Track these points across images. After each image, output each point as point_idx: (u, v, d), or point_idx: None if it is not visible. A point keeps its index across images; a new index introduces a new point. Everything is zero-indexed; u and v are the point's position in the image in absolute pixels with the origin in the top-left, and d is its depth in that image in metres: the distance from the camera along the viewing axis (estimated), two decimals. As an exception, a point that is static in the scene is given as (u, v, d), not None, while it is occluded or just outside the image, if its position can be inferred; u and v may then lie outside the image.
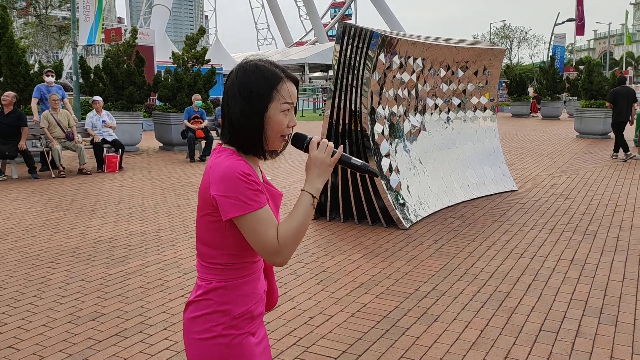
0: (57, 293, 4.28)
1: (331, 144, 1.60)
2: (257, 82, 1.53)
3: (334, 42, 6.58)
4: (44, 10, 33.47)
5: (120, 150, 10.66)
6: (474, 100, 8.25)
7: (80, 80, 13.84)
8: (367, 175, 6.15)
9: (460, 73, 7.91)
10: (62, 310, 3.95)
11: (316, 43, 71.84)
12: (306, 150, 1.60)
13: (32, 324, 3.72)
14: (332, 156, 1.59)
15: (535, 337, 3.53)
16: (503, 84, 31.90)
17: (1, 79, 11.57)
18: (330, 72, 60.38)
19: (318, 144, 1.59)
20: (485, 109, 8.41)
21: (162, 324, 3.73)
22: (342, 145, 1.65)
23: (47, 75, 10.75)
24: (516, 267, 4.90)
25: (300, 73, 63.03)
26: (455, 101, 7.94)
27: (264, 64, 1.57)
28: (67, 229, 6.21)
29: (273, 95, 1.54)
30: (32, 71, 11.85)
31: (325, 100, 33.05)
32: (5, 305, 4.03)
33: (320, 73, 64.41)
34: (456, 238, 5.81)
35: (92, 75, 13.78)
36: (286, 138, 1.60)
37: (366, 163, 1.67)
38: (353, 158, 1.65)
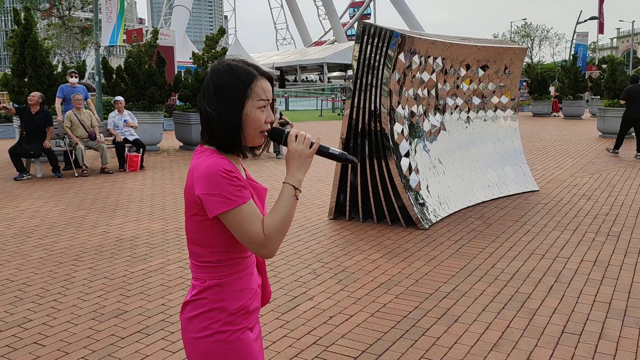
0: (80, 290, 4.35)
1: (309, 135, 1.63)
2: (232, 82, 1.56)
3: (352, 42, 6.61)
4: (67, 12, 33.99)
5: (141, 149, 10.78)
6: (495, 99, 8.18)
7: (103, 81, 14.03)
8: (385, 176, 6.14)
9: (481, 72, 7.85)
10: (85, 307, 4.01)
11: (335, 43, 71.82)
12: (285, 143, 1.63)
13: (56, 320, 3.79)
14: (310, 147, 1.62)
15: (557, 339, 3.49)
16: (524, 83, 31.55)
17: (26, 79, 11.78)
18: (349, 72, 60.40)
19: (296, 136, 1.62)
20: (506, 108, 8.33)
21: (184, 321, 3.76)
22: (319, 137, 1.67)
23: (71, 76, 10.92)
24: (538, 268, 4.85)
25: (319, 73, 63.10)
26: (476, 100, 7.88)
27: (237, 64, 1.60)
28: (90, 227, 6.31)
29: (248, 94, 1.56)
30: (55, 72, 12.05)
31: (343, 100, 33.00)
32: (30, 302, 4.11)
33: (338, 73, 64.41)
34: (476, 238, 5.77)
35: (114, 76, 13.96)
36: (265, 134, 1.63)
37: (344, 152, 1.70)
38: (331, 148, 1.67)
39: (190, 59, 15.36)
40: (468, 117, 7.77)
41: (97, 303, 4.10)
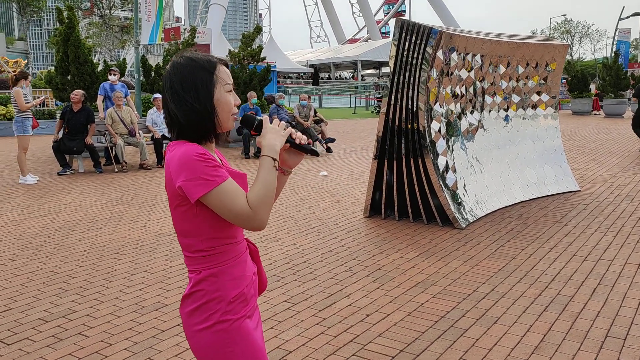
0: (122, 283, 4.45)
1: (283, 122, 1.70)
2: (198, 72, 1.60)
3: (386, 39, 6.61)
4: (107, 11, 34.79)
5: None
6: (535, 97, 8.01)
7: (142, 78, 14.31)
8: (422, 174, 6.08)
9: (521, 69, 7.70)
10: (127, 300, 4.10)
11: (369, 40, 71.50)
12: (256, 129, 1.70)
13: (99, 312, 3.89)
14: (284, 130, 1.68)
15: (601, 343, 3.40)
16: (563, 81, 30.78)
17: (69, 77, 12.11)
18: (383, 69, 60.13)
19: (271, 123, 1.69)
20: (546, 106, 8.15)
21: (222, 316, 3.81)
22: (290, 128, 1.72)
23: (111, 74, 11.17)
24: (580, 270, 4.73)
25: (353, 70, 62.94)
26: (515, 98, 7.74)
27: (195, 55, 1.65)
28: (130, 221, 6.45)
29: (215, 80, 1.61)
30: (97, 70, 12.35)
31: (377, 98, 32.84)
32: (74, 294, 4.23)
33: (372, 70, 64.16)
34: (515, 239, 5.67)
35: (152, 73, 14.23)
36: (236, 117, 1.69)
37: (312, 147, 1.76)
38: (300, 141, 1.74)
39: (226, 56, 15.53)
40: (507, 115, 7.63)
41: (138, 296, 4.19)
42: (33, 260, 5.04)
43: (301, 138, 1.72)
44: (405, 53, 6.21)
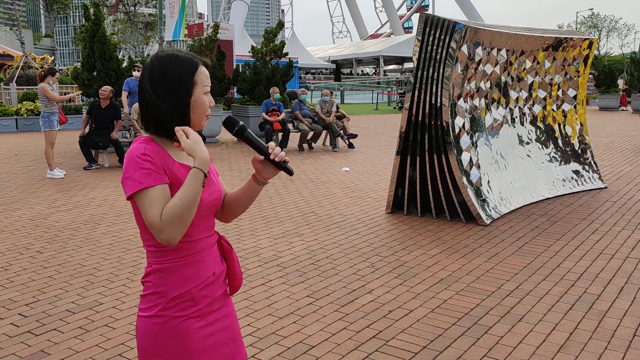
0: (147, 276, 4.51)
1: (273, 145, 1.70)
2: (179, 70, 1.61)
3: (409, 35, 6.57)
4: (132, 8, 35.20)
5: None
6: (561, 92, 7.88)
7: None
8: (445, 170, 6.03)
9: (547, 64, 7.57)
10: (152, 293, 4.15)
11: (391, 35, 71.05)
12: (236, 134, 1.69)
13: (125, 305, 3.95)
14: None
15: (629, 342, 3.34)
16: (590, 76, 30.19)
17: (95, 73, 12.29)
18: (406, 65, 59.70)
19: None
20: (573, 101, 8.00)
21: (245, 310, 3.84)
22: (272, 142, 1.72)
23: (136, 70, 11.30)
24: (607, 268, 4.65)
25: (375, 66, 62.64)
26: (541, 94, 7.62)
27: (178, 53, 1.65)
28: (154, 216, 6.52)
29: (195, 80, 1.62)
30: (122, 66, 12.50)
31: (400, 94, 32.64)
32: (101, 287, 4.30)
33: (395, 66, 63.75)
34: (540, 236, 5.59)
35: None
36: (209, 117, 1.70)
37: (287, 166, 1.72)
38: (259, 140, 1.71)
39: (249, 52, 15.59)
40: (533, 110, 7.51)
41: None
42: (60, 253, 5.14)
43: (277, 154, 1.68)
44: (429, 48, 6.15)
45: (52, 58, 35.84)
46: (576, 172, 7.80)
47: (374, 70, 63.87)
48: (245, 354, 1.84)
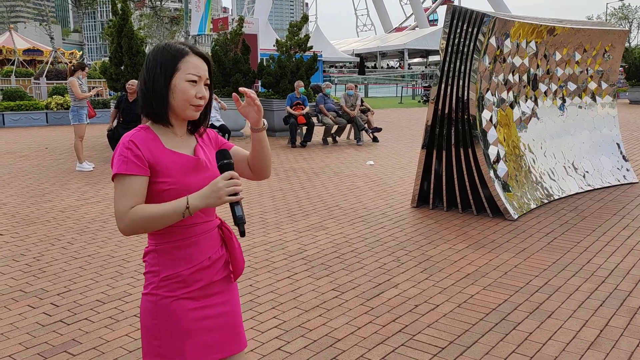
0: (174, 268, 4.56)
1: (239, 188, 1.60)
2: (164, 57, 1.68)
3: (434, 27, 6.51)
4: (158, 3, 35.53)
5: (227, 134, 11.13)
6: (592, 85, 7.71)
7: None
8: (472, 164, 5.96)
9: (578, 56, 7.42)
10: (179, 284, 4.20)
11: (416, 28, 70.33)
12: (220, 168, 1.65)
13: (153, 296, 4.00)
14: (229, 195, 1.59)
15: (662, 341, 3.26)
16: (621, 69, 29.48)
17: (122, 68, 12.45)
18: (430, 58, 59.09)
19: (231, 178, 1.60)
20: (604, 94, 7.83)
21: (271, 303, 3.86)
22: (242, 197, 1.64)
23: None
24: (639, 264, 4.54)
25: (399, 59, 62.18)
26: (571, 86, 7.47)
27: (172, 43, 1.74)
28: (181, 208, 6.59)
29: (178, 67, 1.67)
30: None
31: (424, 87, 32.36)
32: (129, 277, 4.37)
33: (419, 59, 63.16)
34: (570, 231, 5.49)
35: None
36: (201, 108, 1.71)
37: (243, 220, 1.64)
38: (240, 209, 1.63)
39: (273, 46, 15.60)
40: (562, 104, 7.38)
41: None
42: (90, 244, 5.23)
43: (237, 210, 1.63)
44: (456, 40, 6.08)
45: (81, 53, 36.43)
46: (607, 166, 7.64)
47: (398, 64, 63.41)
48: (244, 345, 1.86)
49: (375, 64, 60.05)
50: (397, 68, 60.28)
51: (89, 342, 3.30)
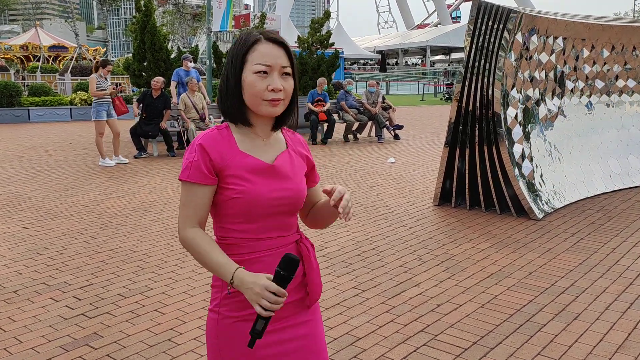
0: (195, 264, 4.57)
1: (280, 304, 1.39)
2: (234, 50, 1.52)
3: (457, 24, 6.36)
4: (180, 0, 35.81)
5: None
6: (621, 83, 7.53)
7: (213, 65, 14.62)
8: (496, 162, 5.85)
9: (606, 53, 7.25)
10: (199, 280, 4.21)
11: (438, 25, 69.75)
12: (276, 274, 1.41)
13: (174, 291, 4.01)
14: (263, 307, 1.38)
15: (694, 346, 3.16)
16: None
17: (145, 64, 12.55)
18: (453, 55, 58.55)
19: (279, 295, 1.39)
20: (633, 92, 7.64)
21: (291, 299, 3.83)
22: (273, 315, 1.41)
23: (188, 61, 11.46)
24: (669, 267, 4.42)
25: (421, 56, 61.72)
26: (599, 84, 7.30)
27: (245, 33, 1.55)
28: (202, 204, 6.61)
29: (247, 58, 1.50)
30: (171, 56, 12.72)
31: (447, 84, 32.06)
32: (150, 272, 4.39)
33: (442, 56, 62.66)
34: (596, 232, 5.37)
35: (223, 60, 14.50)
36: (278, 103, 1.50)
37: (260, 336, 1.42)
38: (263, 325, 1.41)
39: (295, 42, 15.59)
40: (589, 101, 7.22)
41: (210, 276, 4.28)
42: (112, 238, 5.27)
43: (260, 324, 1.42)
44: (481, 37, 5.98)
45: (105, 49, 36.91)
46: (635, 166, 7.46)
47: (420, 61, 62.95)
48: None
49: (396, 61, 59.70)
50: (418, 65, 59.85)
51: (111, 336, 3.31)
